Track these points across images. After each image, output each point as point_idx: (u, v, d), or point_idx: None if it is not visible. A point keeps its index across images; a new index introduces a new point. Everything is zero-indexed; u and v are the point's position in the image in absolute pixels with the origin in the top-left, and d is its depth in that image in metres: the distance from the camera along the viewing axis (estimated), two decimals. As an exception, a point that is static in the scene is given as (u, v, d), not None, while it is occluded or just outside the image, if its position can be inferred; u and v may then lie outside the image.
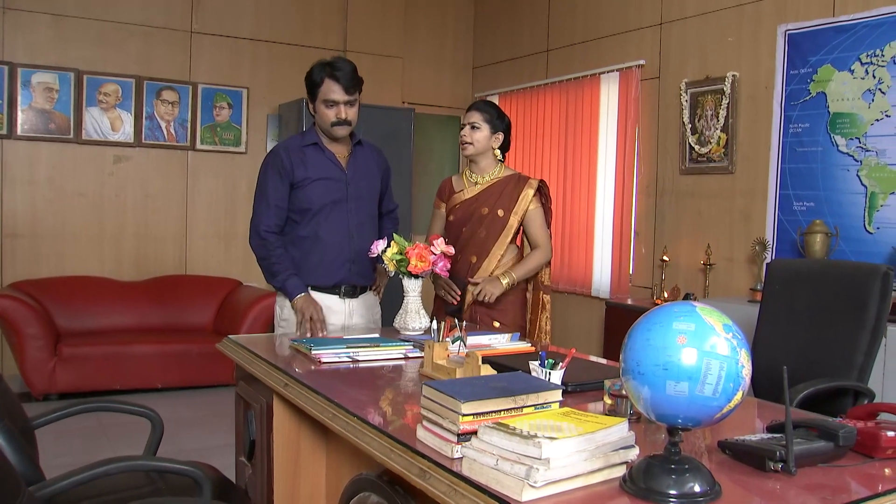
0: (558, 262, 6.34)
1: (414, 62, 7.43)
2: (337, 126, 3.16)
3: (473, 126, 3.37)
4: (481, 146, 3.38)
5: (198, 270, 6.48)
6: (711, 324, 1.28)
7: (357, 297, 3.27)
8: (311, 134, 3.28)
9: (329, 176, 3.21)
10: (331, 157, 3.24)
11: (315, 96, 3.16)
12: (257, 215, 3.20)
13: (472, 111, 3.41)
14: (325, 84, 3.13)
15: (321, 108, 3.16)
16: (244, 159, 6.66)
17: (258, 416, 2.47)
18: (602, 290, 5.99)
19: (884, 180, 4.25)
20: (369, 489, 1.94)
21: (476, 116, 3.38)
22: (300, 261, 3.18)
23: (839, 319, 2.70)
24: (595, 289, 6.07)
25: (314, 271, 3.18)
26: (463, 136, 3.39)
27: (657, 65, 5.63)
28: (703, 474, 1.37)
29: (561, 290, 6.33)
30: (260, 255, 3.19)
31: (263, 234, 3.15)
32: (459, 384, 1.63)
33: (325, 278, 3.19)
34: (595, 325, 5.99)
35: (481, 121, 3.37)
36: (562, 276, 6.34)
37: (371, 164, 3.38)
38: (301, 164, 3.18)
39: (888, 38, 4.22)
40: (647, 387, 1.29)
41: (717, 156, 5.17)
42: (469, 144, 3.38)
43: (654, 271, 5.59)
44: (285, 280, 3.11)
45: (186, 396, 5.53)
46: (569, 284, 6.29)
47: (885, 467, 1.59)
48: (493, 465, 1.38)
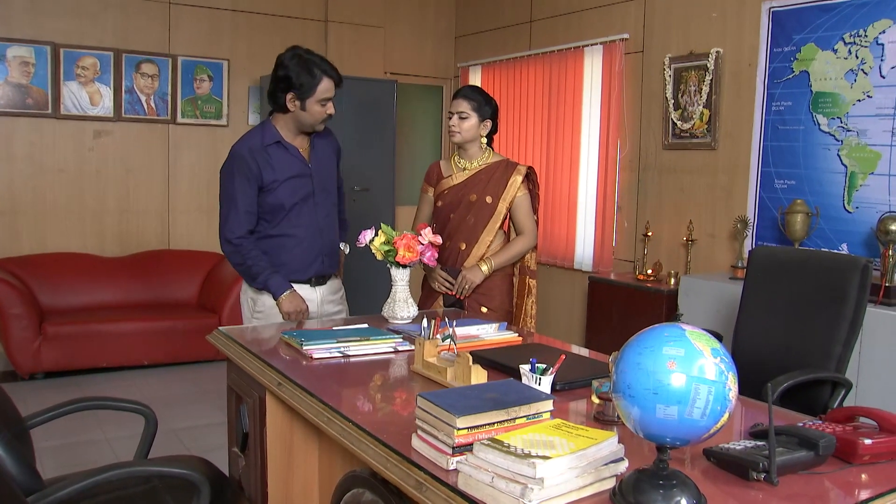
0: (541, 235, 6.37)
1: (396, 32, 7.38)
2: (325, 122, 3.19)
3: (461, 115, 3.38)
4: (469, 135, 3.40)
5: (181, 245, 6.47)
6: (700, 348, 1.32)
7: (325, 283, 3.32)
8: (270, 131, 3.16)
9: (296, 174, 3.17)
10: (295, 153, 3.19)
11: (308, 94, 3.07)
12: (227, 222, 3.12)
13: (460, 99, 3.41)
14: (323, 82, 3.09)
15: (315, 105, 3.10)
16: (226, 132, 6.62)
17: (251, 410, 2.50)
18: (585, 263, 6.04)
19: (863, 160, 4.30)
20: (363, 486, 1.97)
21: (464, 105, 3.38)
22: (272, 259, 3.16)
23: (819, 310, 2.75)
24: (578, 262, 6.13)
25: (287, 267, 3.18)
26: (451, 125, 3.40)
27: (641, 39, 5.63)
28: (689, 488, 1.42)
29: (543, 262, 6.38)
30: (235, 261, 3.16)
31: (235, 241, 3.11)
32: (454, 396, 1.67)
33: (299, 273, 3.21)
34: (578, 299, 6.05)
35: (469, 109, 3.37)
36: (544, 249, 6.39)
37: (328, 150, 3.37)
38: (268, 166, 3.11)
39: (872, 18, 4.24)
40: (637, 408, 1.33)
41: (700, 132, 5.20)
42: (457, 133, 3.39)
43: (636, 245, 5.65)
44: (267, 280, 3.11)
45: (173, 373, 5.56)
46: (551, 257, 6.34)
47: (862, 473, 1.65)
48: (488, 482, 1.42)
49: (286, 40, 6.71)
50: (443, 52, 7.67)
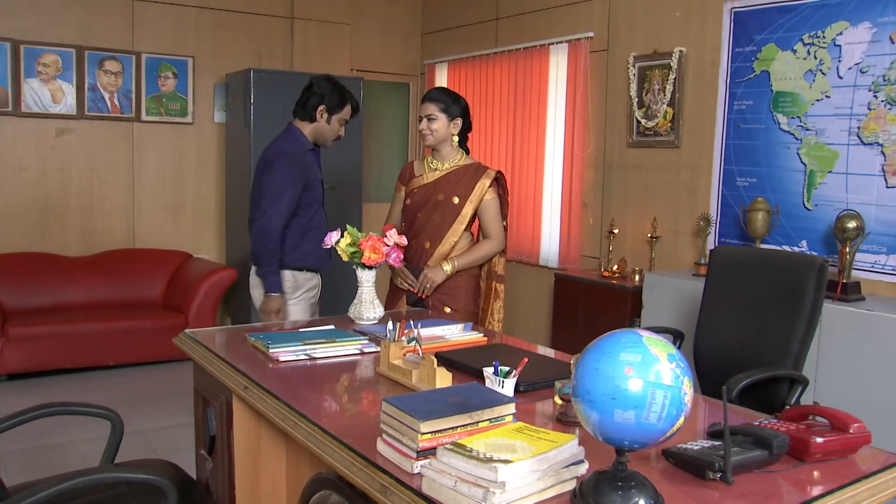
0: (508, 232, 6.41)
1: (362, 29, 7.37)
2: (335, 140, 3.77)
3: (430, 118, 3.41)
4: (441, 135, 3.44)
5: (146, 244, 6.43)
6: (656, 354, 1.36)
7: None
8: (304, 138, 3.66)
9: (318, 178, 3.71)
10: (318, 161, 3.75)
11: (336, 112, 3.64)
12: (267, 213, 3.49)
13: (427, 103, 3.43)
14: (348, 107, 3.68)
15: (336, 123, 3.67)
16: (191, 130, 6.58)
17: (218, 413, 2.51)
18: (551, 259, 6.10)
19: (822, 159, 4.38)
20: (330, 488, 1.99)
21: (431, 108, 3.41)
22: (313, 248, 3.63)
23: (777, 308, 2.82)
24: (544, 258, 6.18)
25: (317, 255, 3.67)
26: (422, 129, 3.43)
27: (606, 37, 5.68)
28: (647, 489, 1.46)
29: (509, 259, 6.42)
30: (258, 245, 3.52)
31: (275, 235, 3.50)
32: (418, 401, 1.70)
33: (322, 262, 3.73)
34: (544, 295, 6.11)
35: (437, 111, 3.41)
36: (510, 246, 6.42)
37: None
38: (309, 167, 3.62)
39: (829, 20, 4.32)
40: (595, 412, 1.37)
41: (664, 130, 5.26)
42: (429, 135, 3.43)
43: (601, 242, 5.71)
44: (270, 275, 3.52)
45: (139, 373, 5.53)
46: (517, 254, 6.38)
47: (814, 470, 1.70)
48: (451, 486, 1.45)
49: (252, 37, 6.74)
50: (409, 50, 7.68)
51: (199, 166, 6.66)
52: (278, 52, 6.91)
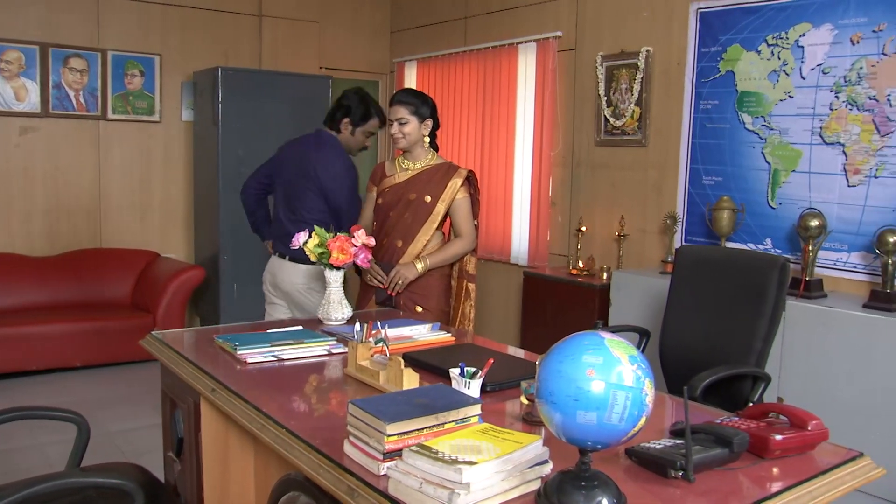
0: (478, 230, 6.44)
1: (330, 27, 7.35)
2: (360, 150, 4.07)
3: (401, 122, 3.41)
4: (413, 138, 3.45)
5: (113, 243, 6.36)
6: (618, 356, 1.38)
7: None
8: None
9: None
10: None
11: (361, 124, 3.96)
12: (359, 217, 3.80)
13: (397, 106, 3.43)
14: (374, 119, 3.99)
15: (361, 135, 3.99)
16: (158, 128, 6.53)
17: (185, 415, 2.50)
18: (521, 257, 6.13)
19: (786, 158, 4.45)
20: (298, 489, 2.00)
21: (402, 111, 3.41)
22: None
23: (740, 307, 2.87)
24: (514, 256, 6.21)
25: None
26: (393, 133, 3.43)
27: (574, 37, 5.72)
28: (610, 488, 1.49)
29: (480, 256, 6.44)
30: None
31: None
32: (384, 403, 1.71)
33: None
34: (513, 293, 6.14)
35: (408, 114, 3.41)
36: (481, 244, 6.44)
37: None
38: None
39: (792, 21, 4.39)
40: (558, 413, 1.39)
41: (631, 129, 5.31)
42: (401, 139, 3.43)
43: (570, 240, 5.75)
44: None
45: (106, 374, 5.48)
46: (488, 252, 6.41)
47: (773, 467, 1.74)
48: (417, 488, 1.46)
49: (219, 35, 6.69)
50: (378, 48, 7.67)
51: (166, 165, 6.61)
52: (246, 50, 6.88)
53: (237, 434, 2.46)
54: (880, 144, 4.07)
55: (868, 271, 4.15)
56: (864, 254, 4.16)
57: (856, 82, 4.15)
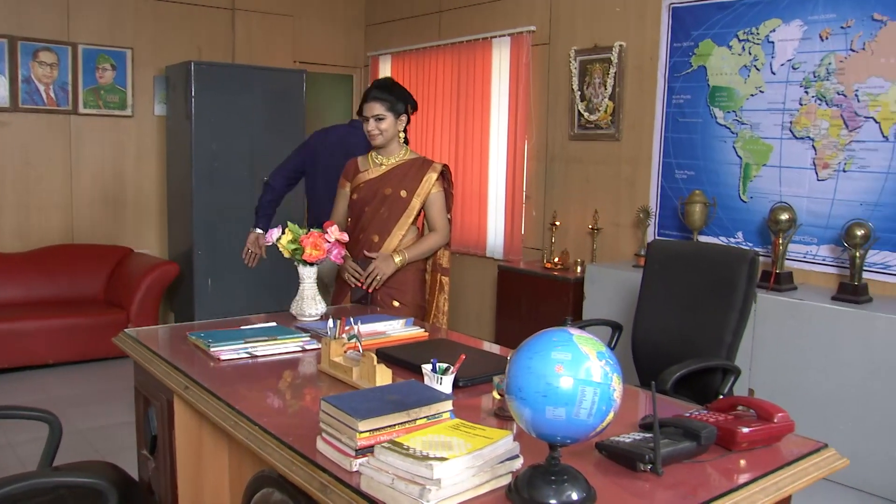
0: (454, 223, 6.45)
1: (305, 20, 7.32)
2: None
3: (378, 118, 3.39)
4: (389, 134, 3.43)
5: (85, 239, 6.31)
6: (586, 352, 1.39)
7: None
8: None
9: None
10: None
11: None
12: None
13: (373, 103, 3.39)
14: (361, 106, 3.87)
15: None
16: (131, 123, 6.48)
17: (159, 413, 2.49)
18: (496, 251, 6.15)
19: (757, 152, 4.50)
20: (272, 486, 2.00)
21: (378, 108, 3.38)
22: None
23: (711, 300, 2.90)
24: (489, 250, 6.23)
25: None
26: (370, 130, 3.41)
27: (548, 31, 5.74)
28: (579, 482, 1.50)
29: (455, 250, 6.46)
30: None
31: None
32: (356, 399, 1.72)
33: None
34: (489, 286, 6.16)
35: (384, 110, 3.39)
36: (456, 238, 6.47)
37: None
38: None
39: (763, 17, 4.43)
40: (528, 409, 1.40)
41: (605, 123, 5.34)
42: (378, 135, 3.41)
43: (544, 234, 5.78)
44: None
45: (79, 371, 5.44)
46: (463, 245, 6.43)
47: (740, 459, 1.77)
48: (388, 484, 1.47)
49: (192, 29, 6.65)
50: (353, 41, 7.65)
51: (139, 160, 6.56)
52: (219, 44, 6.83)
53: (211, 431, 2.46)
54: (848, 139, 4.13)
55: (837, 264, 4.21)
56: (833, 247, 4.23)
57: (825, 78, 4.20)
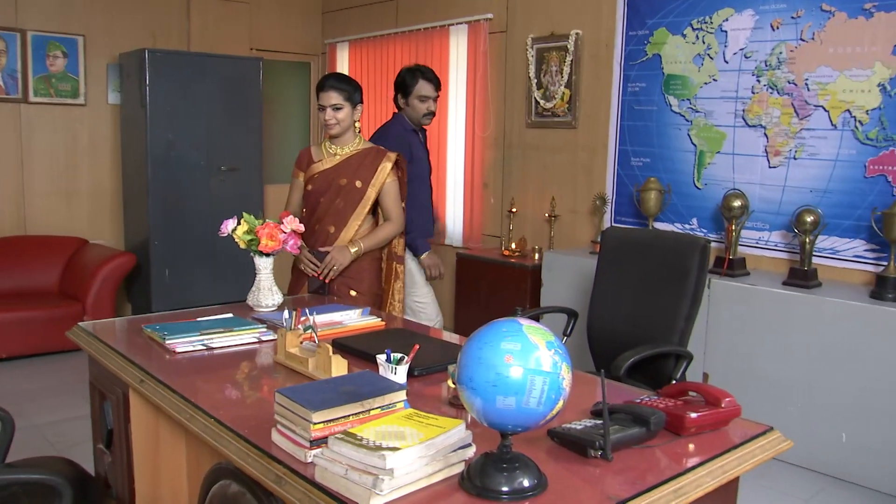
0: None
1: (261, 7, 7.24)
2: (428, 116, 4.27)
3: (336, 108, 3.39)
4: (346, 124, 3.44)
5: (39, 230, 6.20)
6: (536, 342, 1.42)
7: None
8: (405, 121, 4.28)
9: (423, 156, 4.32)
10: (422, 140, 4.35)
11: (409, 94, 4.21)
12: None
13: (330, 92, 3.39)
14: (419, 83, 4.21)
15: (416, 101, 4.21)
16: (84, 112, 6.37)
17: (115, 406, 2.48)
18: (455, 239, 6.17)
19: (711, 140, 4.57)
20: (229, 478, 2.01)
21: (336, 98, 3.38)
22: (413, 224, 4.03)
23: (664, 287, 2.95)
24: (449, 238, 6.25)
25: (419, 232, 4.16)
26: (327, 120, 3.40)
27: (505, 19, 5.75)
28: (531, 469, 1.53)
29: (415, 239, 6.47)
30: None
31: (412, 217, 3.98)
32: (310, 391, 1.73)
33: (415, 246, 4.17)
34: (448, 274, 6.17)
35: (342, 100, 3.39)
36: (416, 226, 6.47)
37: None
38: (413, 144, 4.20)
39: (716, 6, 4.49)
40: (479, 399, 1.42)
41: (562, 111, 5.38)
42: (335, 125, 3.41)
43: (502, 221, 5.81)
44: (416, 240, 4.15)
45: (34, 365, 5.36)
46: (423, 234, 6.43)
47: (689, 443, 1.81)
48: (342, 475, 1.49)
49: (146, 16, 6.55)
50: (310, 29, 7.59)
51: (93, 149, 6.45)
52: (174, 31, 6.74)
53: (168, 424, 2.45)
54: (799, 127, 4.21)
55: (788, 249, 4.30)
56: (784, 233, 4.31)
57: (776, 67, 4.27)
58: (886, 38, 3.87)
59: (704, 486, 1.66)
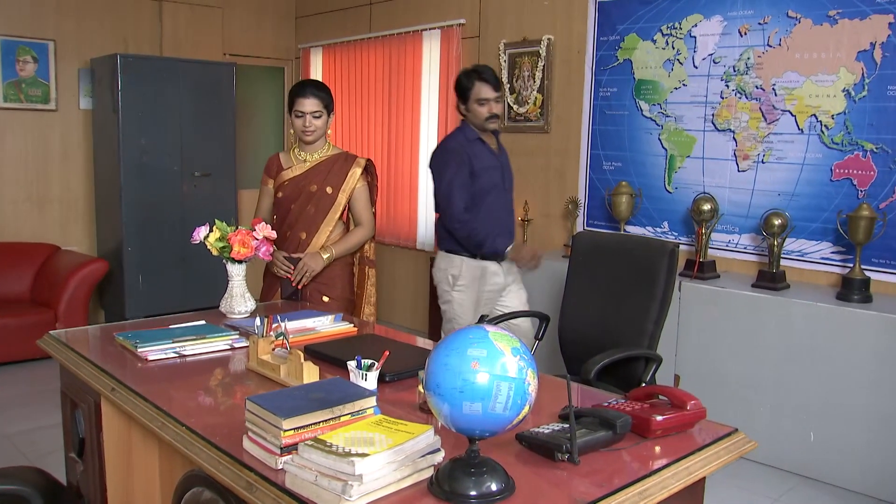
0: (384, 216, 6.49)
1: (234, 12, 7.24)
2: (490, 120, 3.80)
3: (315, 115, 3.40)
4: (321, 131, 3.47)
5: (9, 237, 6.15)
6: (501, 349, 1.44)
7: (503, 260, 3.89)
8: (469, 130, 3.85)
9: (492, 165, 3.84)
10: (489, 149, 3.86)
11: (467, 97, 3.80)
12: (452, 204, 3.71)
13: (311, 99, 3.39)
14: (476, 85, 3.77)
15: (475, 105, 3.78)
16: (55, 117, 6.33)
17: (86, 415, 2.47)
18: (427, 243, 6.20)
19: (681, 144, 4.62)
20: (202, 485, 2.01)
21: (316, 105, 3.40)
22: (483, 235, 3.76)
23: (633, 291, 2.99)
24: (420, 242, 6.27)
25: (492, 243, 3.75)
26: (307, 126, 3.41)
27: (477, 24, 5.79)
28: (498, 473, 1.56)
29: (387, 243, 6.49)
30: (462, 235, 3.73)
31: (461, 218, 3.69)
32: (281, 398, 1.74)
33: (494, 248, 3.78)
34: (421, 278, 6.20)
35: (321, 107, 3.42)
36: (388, 230, 6.50)
37: (505, 151, 4.04)
38: (476, 156, 3.77)
39: (685, 12, 4.55)
40: (446, 405, 1.44)
41: (534, 115, 5.42)
42: (313, 132, 3.43)
43: (478, 226, 5.83)
44: (494, 243, 3.73)
45: (5, 373, 5.31)
46: (395, 238, 6.46)
47: (655, 446, 1.84)
48: (312, 481, 1.51)
49: (118, 21, 6.52)
50: (283, 34, 7.59)
51: (64, 155, 6.41)
52: (146, 36, 6.71)
53: (141, 432, 2.45)
54: (767, 131, 4.27)
55: (757, 252, 4.36)
56: (753, 236, 4.37)
57: (744, 72, 4.33)
58: (850, 44, 3.94)
59: (669, 488, 1.69)
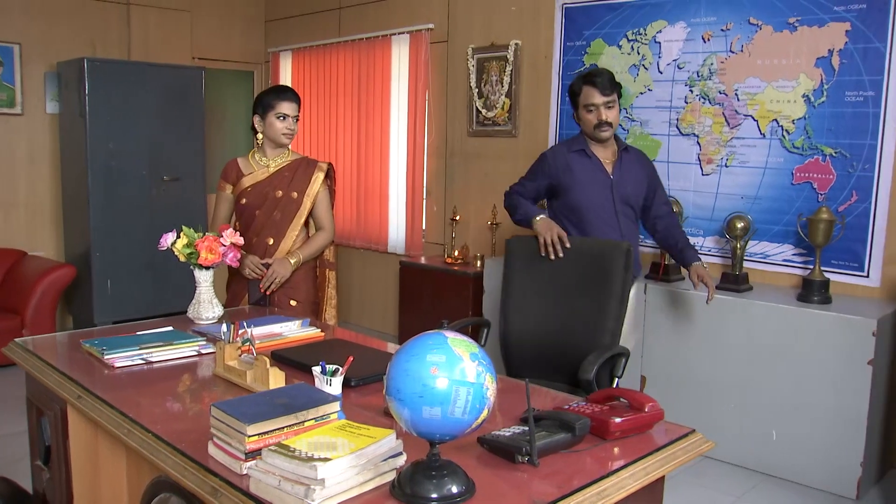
0: (354, 220, 6.51)
1: (203, 16, 7.22)
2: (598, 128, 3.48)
3: (295, 118, 3.49)
4: (294, 135, 3.52)
5: (-25, 242, 6.10)
6: (460, 354, 1.48)
7: None
8: (575, 140, 3.62)
9: (594, 181, 3.52)
10: (596, 163, 3.54)
11: (577, 104, 3.54)
12: (518, 182, 3.68)
13: (293, 103, 3.48)
14: (584, 90, 3.49)
15: (584, 112, 3.51)
16: (21, 122, 6.28)
17: (52, 422, 2.47)
18: (398, 246, 6.23)
19: (647, 148, 4.68)
20: (169, 490, 2.03)
21: (296, 108, 3.49)
22: None
23: (589, 291, 3.06)
24: (391, 245, 6.30)
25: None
26: (289, 128, 3.46)
27: (446, 29, 5.83)
28: (459, 476, 1.59)
29: (358, 246, 6.51)
30: (507, 203, 3.64)
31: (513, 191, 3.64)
32: (245, 404, 1.76)
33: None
34: (391, 282, 6.23)
35: (299, 111, 3.52)
36: (358, 234, 6.52)
37: (638, 169, 3.62)
38: (570, 171, 3.52)
39: (650, 18, 4.62)
40: (406, 409, 1.48)
41: (502, 119, 5.47)
42: (291, 135, 3.50)
43: (445, 229, 5.88)
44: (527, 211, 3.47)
45: (-29, 379, 5.27)
46: (366, 241, 6.48)
47: (614, 447, 1.88)
48: (276, 486, 1.53)
49: (85, 24, 6.48)
50: (253, 37, 7.58)
51: (31, 159, 6.36)
52: (114, 39, 6.68)
53: (107, 439, 2.45)
54: (730, 136, 4.35)
55: (721, 254, 4.44)
56: (717, 238, 4.45)
57: (707, 77, 4.41)
58: (809, 50, 4.03)
59: (627, 488, 1.73)
